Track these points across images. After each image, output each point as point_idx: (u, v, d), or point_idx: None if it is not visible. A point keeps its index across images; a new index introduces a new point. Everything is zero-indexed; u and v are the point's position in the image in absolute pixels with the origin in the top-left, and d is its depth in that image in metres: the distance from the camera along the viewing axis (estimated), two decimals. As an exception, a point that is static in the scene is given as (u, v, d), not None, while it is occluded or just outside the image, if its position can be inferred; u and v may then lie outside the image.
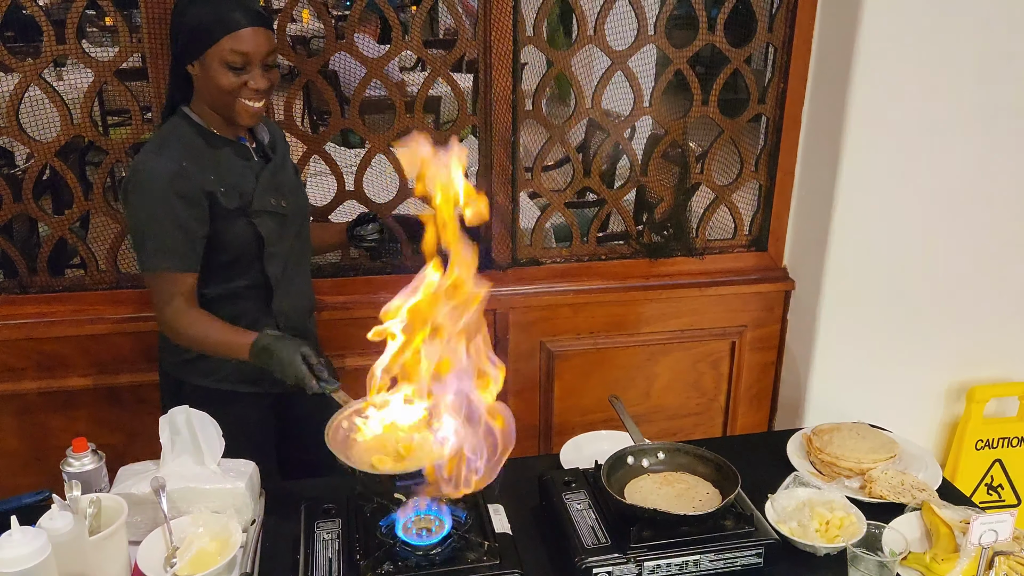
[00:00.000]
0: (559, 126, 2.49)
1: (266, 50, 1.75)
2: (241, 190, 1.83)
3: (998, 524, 1.52)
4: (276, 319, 1.95)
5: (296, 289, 2.00)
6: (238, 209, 1.82)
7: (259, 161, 1.90)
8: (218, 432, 1.66)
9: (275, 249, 1.89)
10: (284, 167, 1.97)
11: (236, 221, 1.83)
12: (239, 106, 1.77)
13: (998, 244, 2.56)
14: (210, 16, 1.71)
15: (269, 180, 1.88)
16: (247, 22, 1.72)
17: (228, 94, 1.75)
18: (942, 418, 2.77)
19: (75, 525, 1.38)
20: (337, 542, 1.56)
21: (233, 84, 1.74)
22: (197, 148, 1.81)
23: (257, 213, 1.85)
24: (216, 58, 1.72)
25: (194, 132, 1.82)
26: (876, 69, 2.32)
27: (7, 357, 2.33)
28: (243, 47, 1.72)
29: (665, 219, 2.66)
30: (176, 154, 1.77)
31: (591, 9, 2.40)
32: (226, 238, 1.83)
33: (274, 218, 1.88)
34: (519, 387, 2.69)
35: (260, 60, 1.75)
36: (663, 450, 1.78)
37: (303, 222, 2.01)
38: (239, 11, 1.72)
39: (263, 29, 1.75)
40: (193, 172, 1.77)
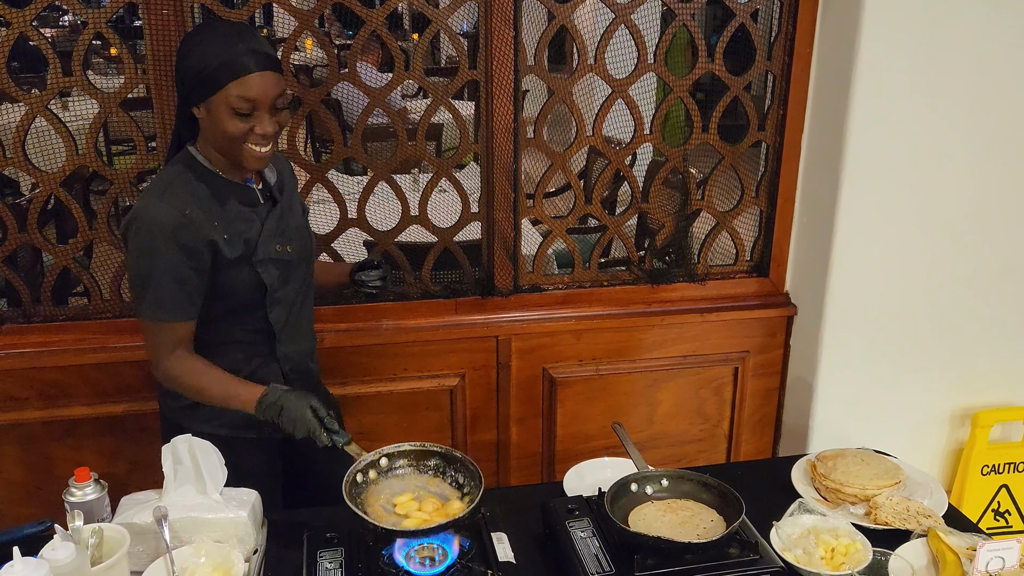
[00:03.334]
0: (560, 153, 2.51)
1: (274, 94, 1.69)
2: (245, 237, 1.78)
3: (1005, 551, 1.51)
4: (280, 363, 1.92)
5: (300, 332, 1.96)
6: (241, 257, 1.77)
7: (265, 205, 1.84)
8: (221, 461, 1.66)
9: (279, 295, 1.85)
10: (291, 209, 1.92)
11: (240, 269, 1.78)
12: (246, 151, 1.71)
13: (1000, 268, 2.56)
14: (216, 60, 1.64)
15: (275, 226, 1.84)
16: (255, 66, 1.65)
17: (234, 140, 1.69)
18: (947, 444, 2.75)
19: (77, 555, 1.37)
20: (340, 572, 1.55)
21: (240, 130, 1.68)
22: (201, 195, 1.75)
23: (261, 262, 1.80)
24: (222, 104, 1.66)
25: (199, 176, 1.76)
26: (874, 95, 2.33)
27: (10, 386, 2.33)
28: (250, 93, 1.65)
29: (666, 245, 2.67)
30: (180, 202, 1.71)
31: (591, 38, 2.43)
32: (229, 286, 1.79)
33: (278, 265, 1.83)
34: (521, 414, 2.68)
35: (268, 104, 1.68)
36: (667, 477, 1.77)
37: (308, 265, 1.97)
38: (247, 55, 1.65)
39: (271, 73, 1.68)
40: (197, 221, 1.72)
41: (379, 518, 1.52)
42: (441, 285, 2.55)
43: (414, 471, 1.65)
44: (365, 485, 1.60)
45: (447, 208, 2.55)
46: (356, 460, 1.62)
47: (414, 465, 1.66)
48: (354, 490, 1.57)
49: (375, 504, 1.57)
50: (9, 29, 2.10)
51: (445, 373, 2.58)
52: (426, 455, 1.66)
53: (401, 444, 1.66)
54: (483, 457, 2.71)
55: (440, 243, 2.52)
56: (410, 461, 1.66)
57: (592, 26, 2.50)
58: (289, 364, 1.93)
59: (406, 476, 1.64)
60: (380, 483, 1.62)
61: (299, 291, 1.92)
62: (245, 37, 1.68)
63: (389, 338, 2.49)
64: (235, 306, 1.83)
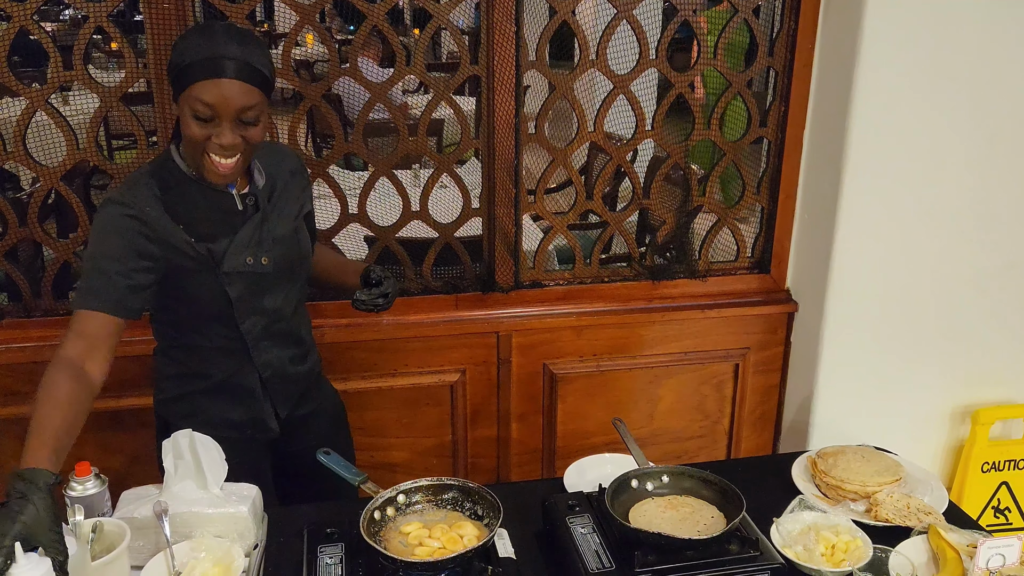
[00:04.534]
0: (562, 149, 2.51)
1: (239, 105, 1.57)
2: (210, 246, 1.70)
3: (1006, 548, 1.51)
4: (259, 370, 1.86)
5: (285, 339, 1.89)
6: (206, 266, 1.70)
7: (242, 213, 1.74)
8: (221, 456, 1.66)
9: (252, 306, 1.78)
10: (278, 215, 1.80)
11: (203, 277, 1.71)
12: (205, 161, 1.63)
13: (1001, 265, 2.56)
14: (189, 58, 1.56)
15: (249, 236, 1.73)
16: (226, 73, 1.55)
17: (194, 145, 1.61)
18: (947, 440, 2.75)
19: (77, 550, 1.38)
20: (340, 566, 1.55)
21: (197, 136, 1.59)
22: (170, 195, 1.68)
23: (227, 274, 1.72)
24: (186, 103, 1.58)
25: (170, 177, 1.69)
26: (876, 92, 2.33)
27: (11, 381, 2.33)
28: (211, 98, 1.56)
29: (668, 241, 2.67)
30: (141, 200, 1.65)
31: (593, 33, 2.43)
32: (193, 294, 1.73)
33: (247, 278, 1.74)
34: (522, 410, 2.68)
35: (231, 115, 1.58)
36: (667, 473, 1.77)
37: (295, 274, 1.86)
38: (222, 60, 1.55)
39: (241, 83, 1.57)
40: (154, 220, 1.65)
41: (398, 553, 1.51)
42: (442, 281, 2.55)
43: (432, 506, 1.65)
44: (384, 522, 1.60)
45: (448, 204, 2.54)
46: (373, 497, 1.61)
47: (432, 500, 1.66)
48: (372, 527, 1.56)
49: (395, 540, 1.57)
50: (10, 23, 2.10)
51: (446, 369, 2.58)
52: (443, 489, 1.66)
53: (418, 480, 1.66)
54: (483, 453, 2.71)
55: (441, 239, 2.52)
56: (427, 496, 1.66)
57: (594, 21, 2.50)
58: (269, 370, 1.87)
59: (424, 511, 1.64)
60: (398, 520, 1.62)
61: (283, 300, 1.84)
62: (231, 41, 1.59)
63: (389, 333, 2.49)
64: (203, 313, 1.77)
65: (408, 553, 1.51)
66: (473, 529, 1.57)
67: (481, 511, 1.62)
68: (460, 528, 1.57)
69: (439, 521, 1.61)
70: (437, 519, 1.62)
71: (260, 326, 1.82)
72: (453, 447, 2.68)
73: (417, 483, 1.66)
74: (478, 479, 1.98)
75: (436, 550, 1.52)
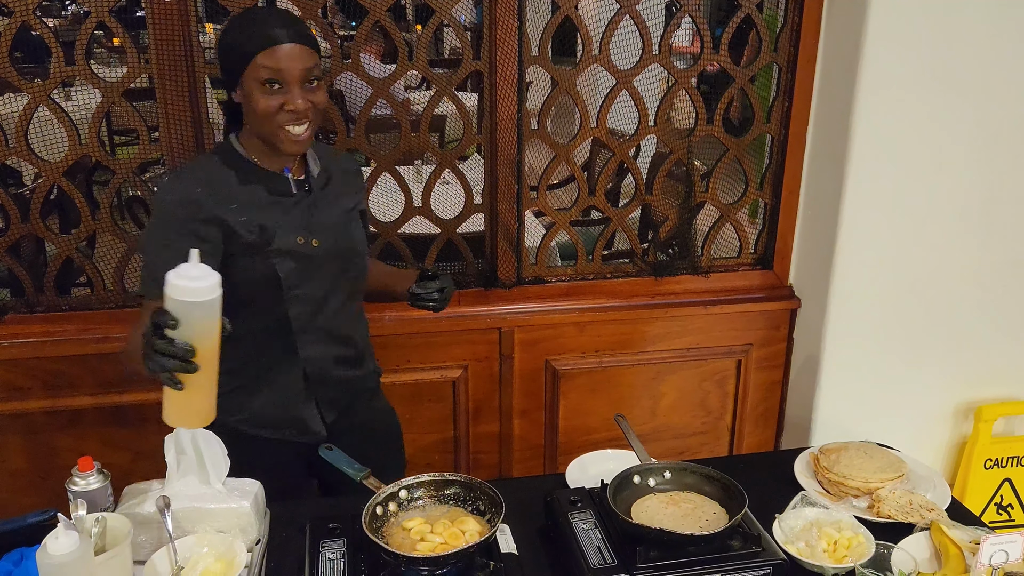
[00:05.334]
0: (564, 145, 2.50)
1: (304, 66, 1.64)
2: (263, 224, 1.72)
3: (1009, 544, 1.51)
4: (304, 364, 1.85)
5: (330, 336, 1.87)
6: (256, 244, 1.72)
7: (297, 195, 1.78)
8: (223, 451, 1.66)
9: (299, 291, 1.78)
10: (330, 203, 1.83)
11: (253, 257, 1.73)
12: (282, 134, 1.67)
13: (1005, 262, 2.55)
14: (245, 35, 1.64)
15: (300, 217, 1.77)
16: (284, 39, 1.63)
17: (267, 119, 1.65)
18: (950, 437, 2.75)
19: (80, 545, 1.37)
20: (342, 562, 1.55)
21: (270, 106, 1.63)
22: (222, 177, 1.72)
23: (276, 251, 1.74)
24: (252, 78, 1.63)
25: (228, 162, 1.74)
26: (880, 88, 2.33)
27: (13, 376, 2.33)
28: (278, 63, 1.62)
29: (670, 238, 2.67)
30: (193, 182, 1.71)
31: (596, 29, 2.42)
32: (242, 274, 1.73)
33: (297, 258, 1.76)
34: (524, 406, 2.68)
35: (298, 78, 1.64)
36: (669, 469, 1.77)
37: (346, 264, 1.86)
38: (276, 27, 1.63)
39: (301, 46, 1.64)
40: (207, 201, 1.68)
41: (401, 548, 1.51)
42: (444, 277, 2.55)
43: (434, 501, 1.65)
44: (386, 518, 1.60)
45: (450, 200, 2.54)
46: (375, 492, 1.61)
47: (434, 495, 1.65)
48: (375, 523, 1.56)
49: (397, 535, 1.57)
50: (12, 18, 2.10)
51: (448, 364, 2.58)
52: (445, 484, 1.66)
53: (420, 475, 1.65)
54: (485, 448, 2.71)
55: (443, 235, 2.52)
56: (429, 491, 1.65)
57: (596, 17, 2.49)
58: (313, 366, 1.86)
59: (427, 507, 1.64)
60: (400, 515, 1.62)
61: (329, 291, 1.83)
62: (278, 15, 1.67)
63: (392, 329, 2.48)
64: (250, 297, 1.76)
65: (410, 548, 1.51)
66: (475, 525, 1.57)
67: (483, 507, 1.62)
68: (462, 524, 1.57)
69: (441, 517, 1.61)
70: (439, 515, 1.61)
71: (307, 314, 1.81)
72: (455, 443, 2.68)
73: (419, 479, 1.66)
74: (480, 475, 1.98)
75: (438, 545, 1.52)
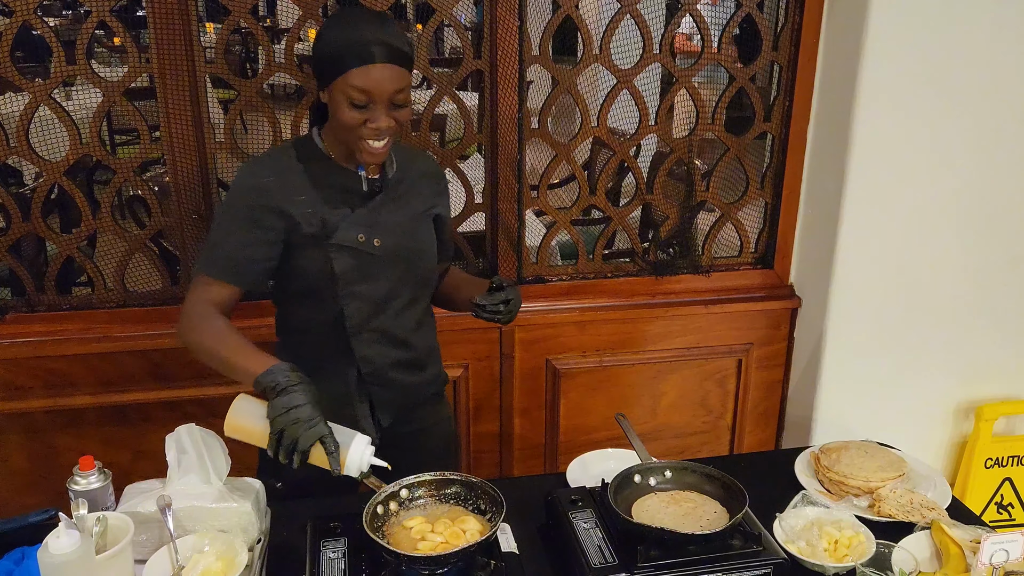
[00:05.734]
0: (565, 144, 2.50)
1: (393, 88, 1.62)
2: (325, 217, 1.72)
3: (1009, 544, 1.51)
4: (358, 364, 1.84)
5: (390, 339, 1.85)
6: (317, 237, 1.72)
7: (367, 194, 1.77)
8: (224, 451, 1.66)
9: (356, 289, 1.77)
10: (400, 205, 1.81)
11: (313, 250, 1.73)
12: (360, 145, 1.67)
13: (1005, 261, 2.55)
14: (341, 45, 1.61)
15: (365, 215, 1.75)
16: (378, 58, 1.60)
17: (349, 130, 1.65)
18: (951, 436, 2.75)
19: (81, 544, 1.38)
20: (343, 561, 1.55)
21: (354, 120, 1.63)
22: (295, 168, 1.73)
23: (336, 247, 1.73)
24: (340, 90, 1.62)
25: (304, 154, 1.75)
26: (881, 87, 2.32)
27: (14, 375, 2.33)
28: (366, 84, 1.60)
29: (671, 237, 2.66)
30: (267, 169, 1.73)
31: (596, 28, 2.42)
32: (301, 265, 1.75)
33: (356, 255, 1.75)
34: (525, 405, 2.68)
35: (385, 98, 1.63)
36: (670, 468, 1.77)
37: (410, 267, 1.83)
38: (374, 45, 1.60)
39: (394, 67, 1.62)
40: (276, 189, 1.70)
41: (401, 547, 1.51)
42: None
43: (435, 500, 1.65)
44: (386, 517, 1.60)
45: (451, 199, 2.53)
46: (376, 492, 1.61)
47: (434, 494, 1.65)
48: (376, 522, 1.56)
49: (398, 535, 1.57)
50: (12, 18, 2.10)
51: (448, 364, 2.53)
52: (445, 484, 1.66)
53: (421, 475, 1.65)
54: (486, 448, 2.71)
55: (444, 234, 2.52)
56: (430, 490, 1.65)
57: (597, 16, 2.49)
58: (369, 367, 1.84)
59: (427, 506, 1.64)
60: (401, 514, 1.62)
61: (391, 292, 1.81)
62: (377, 26, 1.63)
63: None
64: (308, 290, 1.78)
65: (411, 547, 1.52)
66: (476, 524, 1.57)
67: (484, 506, 1.62)
68: (463, 523, 1.57)
69: (442, 516, 1.61)
70: (440, 514, 1.61)
71: (364, 314, 1.80)
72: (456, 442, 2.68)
73: (420, 478, 1.65)
74: (481, 474, 1.99)
75: (439, 545, 1.52)
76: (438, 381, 2.03)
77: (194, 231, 2.34)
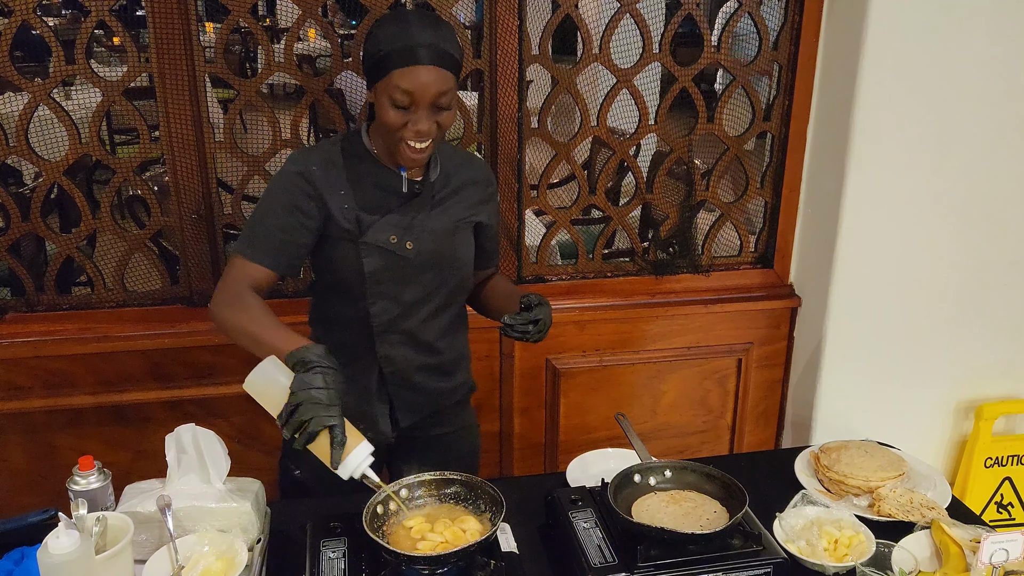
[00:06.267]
0: (565, 144, 2.50)
1: (435, 91, 1.61)
2: (360, 215, 1.72)
3: (1009, 543, 1.51)
4: (380, 363, 1.84)
5: (417, 342, 1.84)
6: (351, 233, 1.72)
7: (407, 195, 1.75)
8: (224, 451, 1.66)
9: (385, 289, 1.76)
10: (440, 209, 1.80)
11: (346, 245, 1.74)
12: (401, 147, 1.66)
13: (1005, 260, 2.55)
14: (387, 47, 1.60)
15: (400, 217, 1.75)
16: (423, 60, 1.59)
17: (391, 131, 1.65)
18: (950, 436, 2.75)
19: (81, 544, 1.38)
20: (343, 561, 1.55)
21: (395, 123, 1.63)
22: (339, 162, 1.74)
23: (368, 245, 1.73)
24: (384, 92, 1.62)
25: (350, 150, 1.75)
26: (881, 86, 2.32)
27: (14, 375, 2.33)
28: (410, 86, 1.59)
29: (671, 236, 2.66)
30: (314, 158, 1.73)
31: (596, 27, 2.42)
32: (335, 260, 1.76)
33: (385, 255, 1.74)
34: (525, 405, 2.68)
35: (429, 101, 1.61)
36: (670, 468, 1.77)
37: (443, 273, 1.81)
38: (420, 48, 1.59)
39: (438, 69, 1.60)
40: (319, 179, 1.71)
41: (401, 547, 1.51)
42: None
43: (435, 500, 1.65)
44: (386, 517, 1.60)
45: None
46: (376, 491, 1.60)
47: (434, 494, 1.65)
48: (375, 522, 1.56)
49: (398, 534, 1.56)
50: (12, 17, 2.10)
51: (448, 363, 2.57)
52: (445, 483, 1.66)
53: (421, 474, 1.65)
54: (486, 447, 2.70)
55: (444, 233, 2.52)
56: (430, 490, 1.65)
57: (597, 15, 2.49)
58: (391, 367, 1.84)
59: (427, 505, 1.64)
60: (401, 514, 1.62)
61: (422, 297, 1.81)
62: (424, 27, 1.62)
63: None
64: (338, 284, 1.79)
65: (411, 547, 1.51)
66: (476, 523, 1.57)
67: (484, 505, 1.62)
68: (463, 522, 1.57)
69: (442, 515, 1.61)
70: (440, 513, 1.61)
71: (391, 315, 1.80)
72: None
73: (420, 477, 1.65)
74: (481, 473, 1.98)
75: (439, 544, 1.52)
76: (465, 389, 2.02)
77: (194, 231, 2.34)
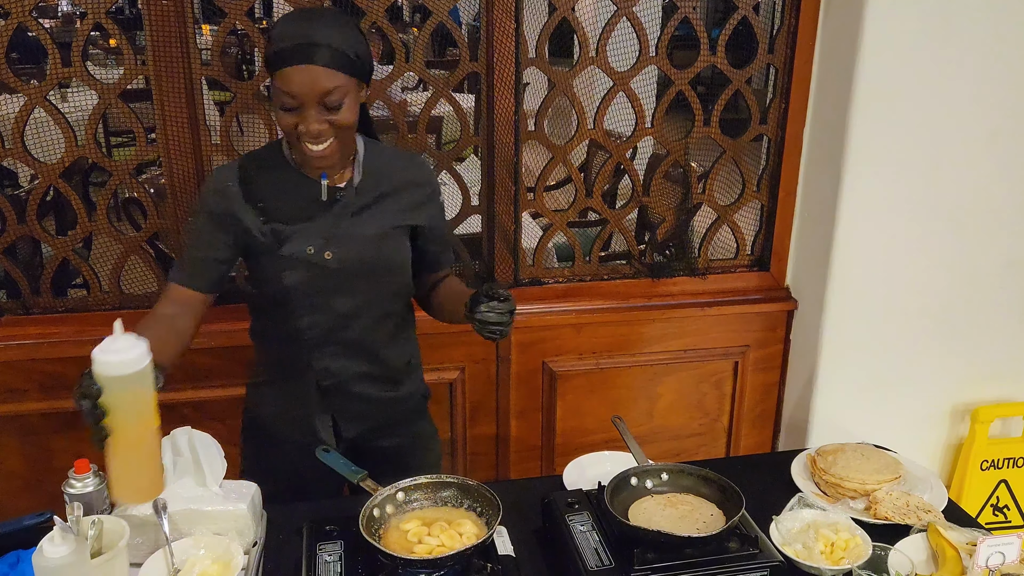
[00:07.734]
0: (561, 146, 2.50)
1: (319, 90, 1.55)
2: (277, 228, 1.68)
3: (1005, 546, 1.51)
4: (317, 375, 1.80)
5: (355, 352, 1.80)
6: (267, 247, 1.69)
7: (328, 203, 1.70)
8: (220, 453, 1.66)
9: (312, 301, 1.73)
10: (367, 215, 1.73)
11: (266, 259, 1.71)
12: (302, 148, 1.61)
13: (1001, 263, 2.56)
14: (273, 48, 1.56)
15: (319, 226, 1.70)
16: (301, 58, 1.53)
17: (286, 134, 1.62)
18: (947, 439, 2.75)
19: (77, 547, 1.37)
20: (339, 564, 1.55)
21: (284, 123, 1.59)
22: (258, 175, 1.70)
23: (285, 258, 1.69)
24: (275, 93, 1.59)
25: (268, 161, 1.72)
26: (877, 89, 2.33)
27: (10, 378, 2.33)
28: (290, 87, 1.55)
29: (667, 239, 2.67)
30: (232, 173, 1.70)
31: (593, 30, 2.42)
32: (259, 275, 1.74)
33: (308, 268, 1.70)
34: (521, 408, 2.68)
35: (314, 101, 1.56)
36: (666, 471, 1.77)
37: (378, 280, 1.77)
38: (298, 45, 1.53)
39: (317, 67, 1.54)
40: (234, 195, 1.68)
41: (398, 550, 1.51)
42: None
43: (431, 503, 1.65)
44: (383, 520, 1.60)
45: (447, 201, 2.53)
46: (372, 495, 1.60)
47: (431, 497, 1.65)
48: (372, 525, 1.56)
49: (394, 537, 1.56)
50: (8, 19, 2.09)
51: (445, 366, 2.58)
52: (442, 486, 1.66)
53: (417, 478, 1.65)
54: (482, 450, 2.71)
55: (440, 236, 2.52)
56: (426, 493, 1.65)
57: (594, 18, 2.49)
58: (330, 380, 1.81)
59: (423, 508, 1.64)
60: (397, 517, 1.62)
61: (359, 306, 1.76)
62: (308, 24, 1.57)
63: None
64: (267, 299, 1.76)
65: (407, 550, 1.51)
66: (472, 527, 1.57)
67: (480, 509, 1.62)
68: (459, 526, 1.57)
69: (438, 519, 1.60)
70: (436, 517, 1.61)
71: (324, 327, 1.76)
72: (452, 444, 2.68)
73: (416, 480, 1.65)
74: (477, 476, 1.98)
75: (435, 548, 1.51)
76: (418, 398, 1.99)
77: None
